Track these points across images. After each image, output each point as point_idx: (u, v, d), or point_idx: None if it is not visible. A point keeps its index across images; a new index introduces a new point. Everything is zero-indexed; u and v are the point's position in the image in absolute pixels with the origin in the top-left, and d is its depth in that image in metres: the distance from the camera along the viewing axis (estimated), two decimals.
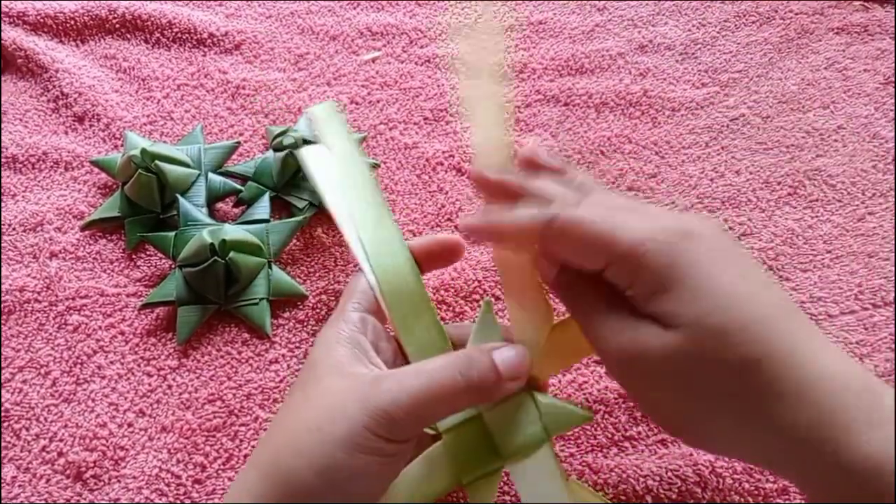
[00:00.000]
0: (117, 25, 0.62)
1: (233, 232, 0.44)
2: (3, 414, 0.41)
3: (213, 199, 0.49)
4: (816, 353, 0.23)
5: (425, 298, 0.32)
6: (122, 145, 0.53)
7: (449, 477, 0.29)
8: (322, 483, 0.25)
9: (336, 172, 0.36)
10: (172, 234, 0.46)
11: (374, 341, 0.31)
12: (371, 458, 0.26)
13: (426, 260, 0.34)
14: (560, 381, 0.41)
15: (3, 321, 0.44)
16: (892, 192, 0.50)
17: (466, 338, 0.32)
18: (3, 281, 0.46)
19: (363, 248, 0.33)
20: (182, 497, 0.38)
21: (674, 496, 0.37)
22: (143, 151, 0.47)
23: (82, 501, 0.38)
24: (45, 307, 0.45)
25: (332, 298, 0.45)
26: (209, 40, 0.62)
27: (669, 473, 0.37)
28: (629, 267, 0.25)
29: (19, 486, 0.38)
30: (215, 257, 0.43)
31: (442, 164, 0.53)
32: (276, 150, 0.50)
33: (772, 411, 0.23)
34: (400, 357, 0.33)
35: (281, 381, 0.42)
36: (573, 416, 0.30)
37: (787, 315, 0.24)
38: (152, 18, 0.62)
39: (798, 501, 0.37)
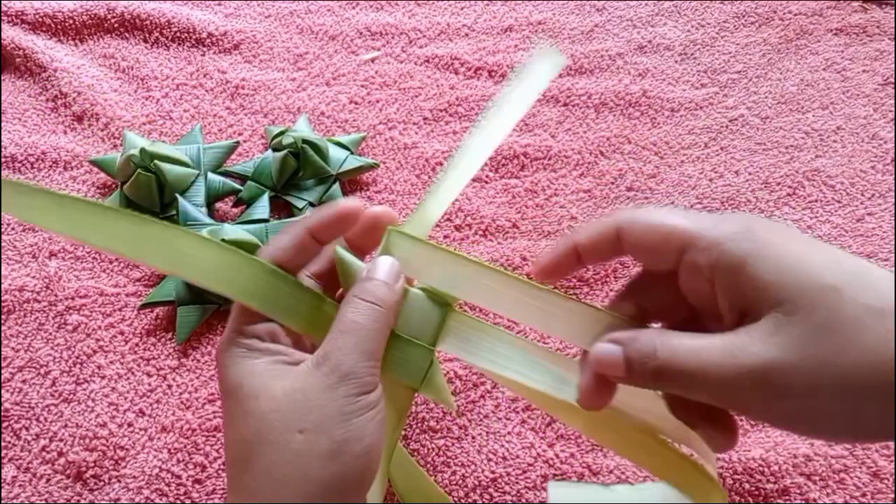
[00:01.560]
0: (116, 25, 0.62)
1: (232, 232, 0.44)
2: (3, 414, 0.41)
3: (213, 198, 0.49)
4: None
5: (262, 266, 0.29)
6: (121, 145, 0.53)
7: (404, 395, 0.32)
8: (340, 465, 0.26)
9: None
10: None
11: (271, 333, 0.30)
12: (366, 414, 0.27)
13: (326, 231, 0.32)
14: None
15: (2, 321, 0.44)
16: (892, 193, 0.50)
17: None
18: (2, 280, 0.46)
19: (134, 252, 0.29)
20: (182, 497, 0.38)
21: None
22: (143, 151, 0.47)
23: (82, 501, 0.38)
24: (44, 307, 0.45)
25: None
26: (208, 40, 0.62)
27: None
28: (708, 257, 0.25)
29: (19, 485, 0.38)
30: None
31: (441, 164, 0.53)
32: (275, 149, 0.50)
33: None
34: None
35: None
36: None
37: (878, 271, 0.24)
38: (151, 18, 0.62)
39: (797, 502, 0.37)
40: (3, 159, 0.53)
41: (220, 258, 0.29)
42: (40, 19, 0.61)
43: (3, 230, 0.49)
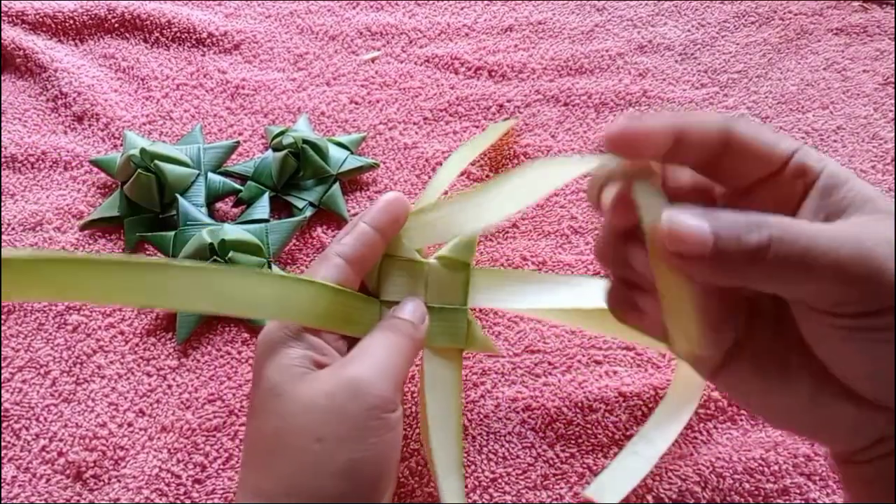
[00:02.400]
0: (116, 25, 0.62)
1: (232, 232, 0.44)
2: (2, 413, 0.41)
3: (213, 198, 0.49)
4: None
5: (304, 287, 0.30)
6: (121, 145, 0.53)
7: (453, 357, 0.35)
8: (352, 486, 0.26)
9: None
10: (172, 233, 0.46)
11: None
12: (385, 436, 0.27)
13: (387, 228, 0.32)
14: (559, 381, 0.41)
15: (2, 320, 0.44)
16: (892, 193, 0.50)
17: None
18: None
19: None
20: (182, 497, 0.38)
21: (674, 496, 0.37)
22: (143, 151, 0.47)
23: (82, 501, 0.38)
24: (44, 307, 0.45)
25: None
26: (208, 40, 0.62)
27: (669, 473, 0.37)
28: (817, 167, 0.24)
29: (19, 485, 0.38)
30: (215, 257, 0.43)
31: (441, 163, 0.53)
32: (275, 149, 0.50)
33: None
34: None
35: None
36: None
37: None
38: (151, 18, 0.62)
39: (797, 502, 0.37)
40: (3, 159, 0.53)
41: (273, 291, 0.29)
42: (40, 19, 0.61)
43: (2, 230, 0.49)
